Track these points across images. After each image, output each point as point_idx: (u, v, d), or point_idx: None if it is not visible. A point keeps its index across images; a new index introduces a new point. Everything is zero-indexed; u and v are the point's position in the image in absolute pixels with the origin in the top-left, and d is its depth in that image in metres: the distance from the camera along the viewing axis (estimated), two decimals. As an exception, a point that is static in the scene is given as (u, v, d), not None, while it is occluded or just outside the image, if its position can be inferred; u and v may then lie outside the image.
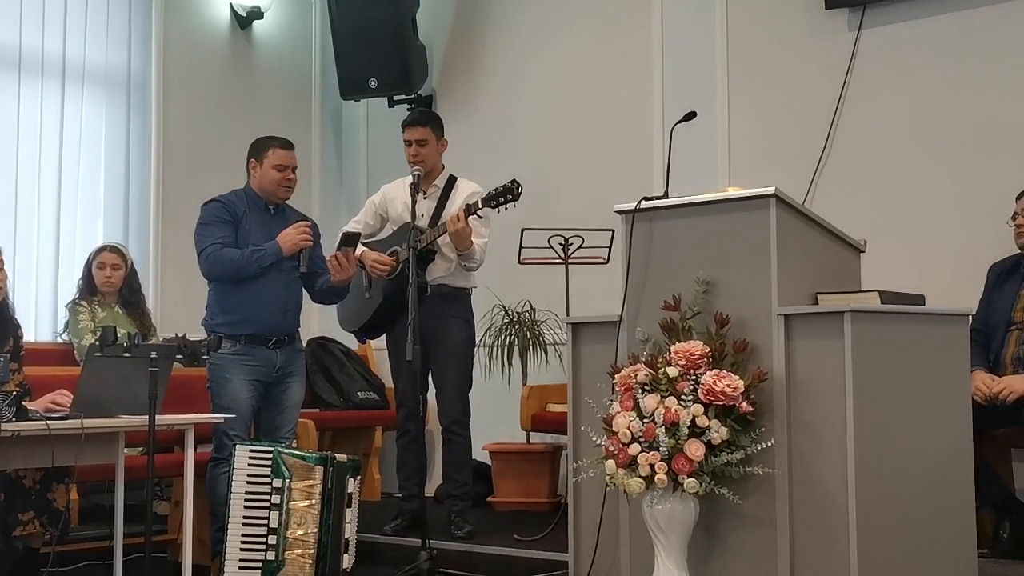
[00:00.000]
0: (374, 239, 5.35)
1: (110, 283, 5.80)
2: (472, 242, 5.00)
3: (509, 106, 6.87)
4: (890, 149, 5.48)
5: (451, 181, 5.27)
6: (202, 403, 4.79)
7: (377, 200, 5.39)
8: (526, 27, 6.84)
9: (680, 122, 4.06)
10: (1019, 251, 4.64)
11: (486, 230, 5.16)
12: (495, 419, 6.10)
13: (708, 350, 3.39)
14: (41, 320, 6.27)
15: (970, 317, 3.97)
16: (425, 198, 5.17)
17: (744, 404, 3.32)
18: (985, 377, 4.38)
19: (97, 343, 3.92)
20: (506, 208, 4.92)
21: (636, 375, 3.43)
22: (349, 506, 4.32)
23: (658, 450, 3.32)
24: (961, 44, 5.31)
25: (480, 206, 4.92)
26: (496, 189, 4.91)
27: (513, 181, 4.89)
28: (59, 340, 5.92)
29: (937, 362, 3.59)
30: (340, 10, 6.89)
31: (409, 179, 5.10)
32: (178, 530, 4.75)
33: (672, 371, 3.37)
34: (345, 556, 4.31)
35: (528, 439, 6.09)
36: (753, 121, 5.92)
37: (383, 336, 5.43)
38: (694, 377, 3.34)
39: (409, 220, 4.94)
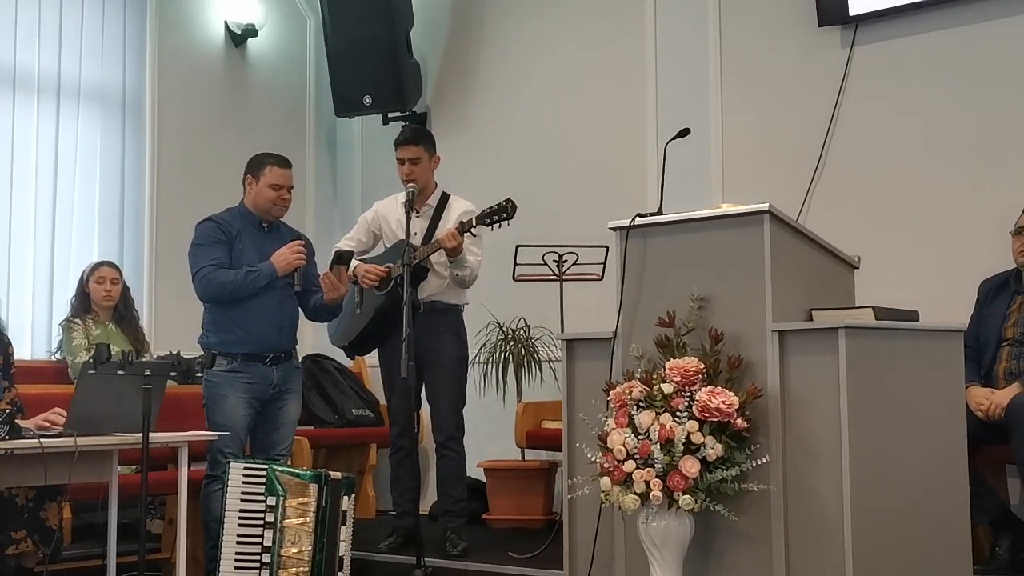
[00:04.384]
0: (367, 256, 5.34)
1: (110, 297, 5.80)
2: (463, 248, 4.99)
3: (503, 123, 6.88)
4: (884, 165, 5.50)
5: (444, 199, 5.26)
6: (196, 420, 4.78)
7: (370, 217, 5.38)
8: (520, 44, 6.86)
9: (674, 139, 4.08)
10: (1013, 267, 4.64)
11: (479, 248, 5.15)
12: (490, 436, 6.09)
13: (703, 366, 3.39)
14: (36, 337, 6.25)
15: (963, 333, 3.97)
16: (418, 216, 5.16)
17: (739, 420, 3.32)
18: (985, 391, 4.40)
19: (91, 360, 3.92)
20: (500, 227, 4.93)
21: (631, 392, 3.43)
22: (343, 523, 4.31)
23: (653, 467, 3.31)
24: (953, 61, 5.33)
25: (475, 224, 4.92)
26: (491, 207, 4.91)
27: (508, 200, 4.90)
28: (53, 358, 5.90)
29: (931, 378, 3.59)
30: (334, 27, 6.90)
31: (402, 196, 5.10)
32: (172, 548, 4.74)
33: (667, 388, 3.37)
34: (339, 574, 4.30)
35: (523, 456, 6.08)
36: (747, 138, 5.94)
37: (377, 353, 5.42)
38: (689, 393, 3.34)
39: (402, 237, 4.94)
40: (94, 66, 6.60)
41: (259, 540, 4.18)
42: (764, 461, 3.32)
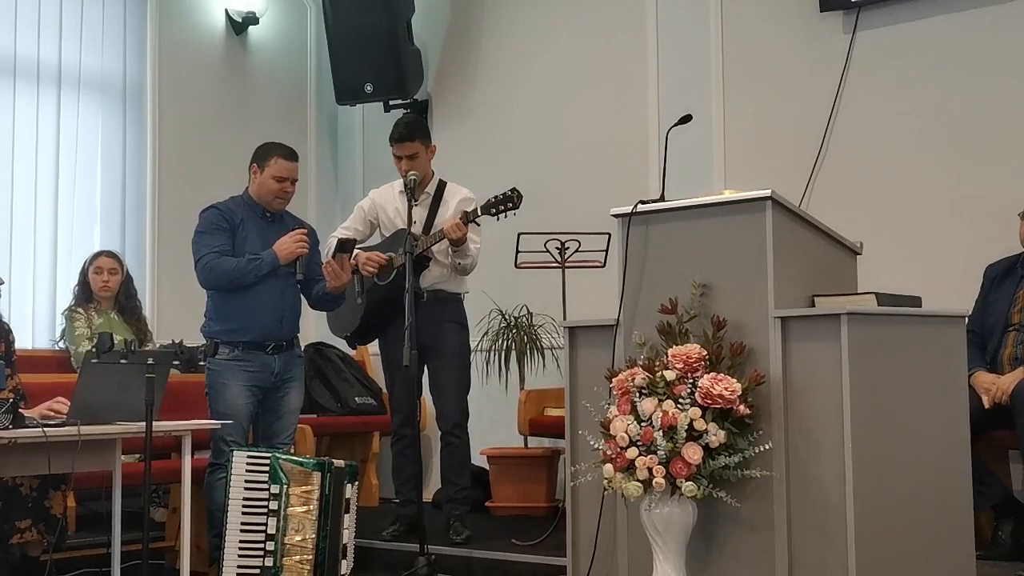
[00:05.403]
0: (364, 245, 5.33)
1: (108, 287, 5.79)
2: (466, 237, 4.99)
3: (505, 110, 6.87)
4: (886, 151, 5.49)
5: (441, 186, 5.25)
6: (199, 409, 4.78)
7: (366, 206, 5.36)
8: (521, 32, 6.85)
9: (676, 125, 4.07)
10: (1020, 251, 4.63)
11: (478, 236, 5.15)
12: (493, 424, 6.09)
13: (705, 353, 3.39)
14: (38, 327, 6.26)
15: (966, 318, 3.97)
16: (417, 205, 5.14)
17: (741, 407, 3.32)
18: (991, 377, 4.41)
19: (94, 350, 3.92)
20: (505, 216, 4.92)
21: (633, 379, 3.43)
22: (347, 512, 4.31)
23: (656, 454, 3.31)
24: (956, 46, 5.32)
25: (480, 214, 4.91)
26: (496, 197, 4.90)
27: (513, 189, 4.89)
28: (56, 347, 5.91)
29: (934, 364, 3.59)
30: (335, 15, 6.89)
31: (398, 185, 5.10)
32: (176, 537, 4.75)
33: (669, 374, 3.37)
34: (343, 562, 4.31)
35: (526, 443, 6.09)
36: (749, 124, 5.92)
37: (378, 341, 5.42)
38: (691, 380, 3.34)
39: (401, 226, 4.93)
40: (95, 55, 6.59)
41: (263, 528, 4.18)
42: (767, 448, 3.32)
